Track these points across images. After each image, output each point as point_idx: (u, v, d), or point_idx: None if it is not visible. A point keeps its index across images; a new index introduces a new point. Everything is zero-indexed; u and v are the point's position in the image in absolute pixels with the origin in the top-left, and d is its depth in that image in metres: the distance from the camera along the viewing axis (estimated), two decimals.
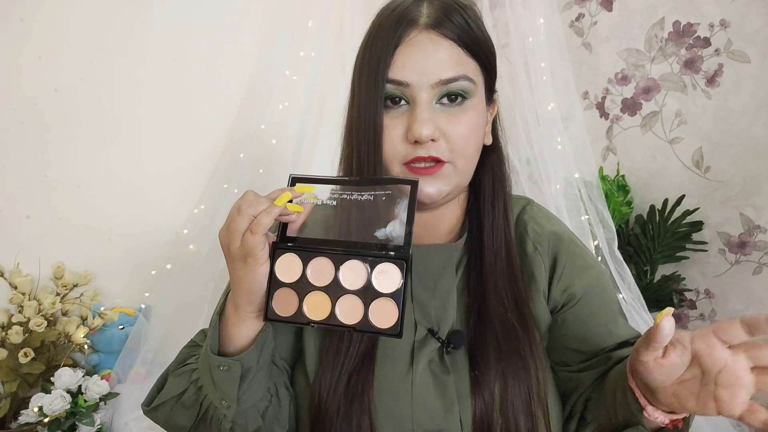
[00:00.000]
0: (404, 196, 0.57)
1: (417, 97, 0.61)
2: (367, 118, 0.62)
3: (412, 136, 0.61)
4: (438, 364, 0.66)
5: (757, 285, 1.58)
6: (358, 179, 0.60)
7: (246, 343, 0.61)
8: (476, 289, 0.68)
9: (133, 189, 1.67)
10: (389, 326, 0.56)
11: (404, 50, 0.61)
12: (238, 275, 0.58)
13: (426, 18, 0.62)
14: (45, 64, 1.52)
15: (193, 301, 1.57)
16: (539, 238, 0.71)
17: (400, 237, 0.57)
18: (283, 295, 0.59)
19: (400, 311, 0.56)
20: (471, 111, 0.64)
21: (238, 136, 1.74)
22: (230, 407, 0.61)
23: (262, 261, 0.57)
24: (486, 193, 0.71)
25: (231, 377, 0.60)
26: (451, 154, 0.63)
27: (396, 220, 0.57)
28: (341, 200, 0.59)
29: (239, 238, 0.55)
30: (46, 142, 1.54)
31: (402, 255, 0.56)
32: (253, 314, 0.60)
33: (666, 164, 1.77)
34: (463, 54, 0.63)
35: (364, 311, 0.57)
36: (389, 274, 0.57)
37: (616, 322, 0.71)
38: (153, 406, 0.67)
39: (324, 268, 0.58)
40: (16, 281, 1.44)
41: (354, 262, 0.58)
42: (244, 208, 0.55)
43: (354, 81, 0.67)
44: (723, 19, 1.58)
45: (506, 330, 0.65)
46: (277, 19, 1.74)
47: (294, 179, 0.59)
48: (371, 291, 0.57)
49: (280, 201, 0.55)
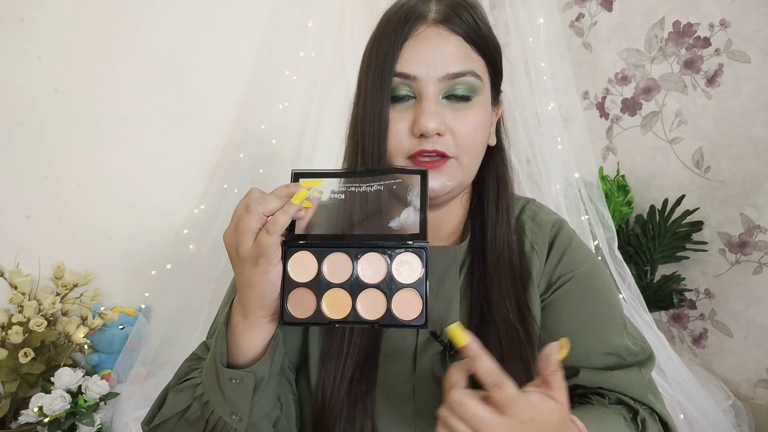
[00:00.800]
0: (414, 185, 0.56)
1: (424, 90, 0.61)
2: (372, 112, 0.62)
3: (418, 130, 0.60)
4: (440, 368, 0.65)
5: (757, 285, 1.59)
6: (365, 170, 0.58)
7: (257, 352, 0.58)
8: (479, 291, 0.68)
9: (133, 189, 1.67)
10: (414, 318, 0.54)
11: (412, 44, 0.61)
12: (248, 278, 0.54)
13: (435, 14, 0.62)
14: (45, 64, 1.52)
15: (193, 301, 1.57)
16: (536, 238, 0.71)
17: (416, 224, 0.55)
18: (299, 295, 0.55)
19: (424, 301, 0.54)
20: (477, 108, 0.63)
21: (238, 136, 1.74)
22: (241, 420, 0.58)
23: (275, 262, 0.54)
24: (490, 195, 0.71)
25: (243, 389, 0.57)
26: (456, 150, 0.62)
27: (409, 208, 0.55)
28: (349, 193, 0.57)
29: (251, 238, 0.52)
30: (46, 142, 1.54)
31: (421, 243, 0.55)
32: (265, 319, 0.57)
33: (666, 164, 1.77)
34: (470, 50, 0.63)
35: (387, 305, 0.54)
36: (410, 263, 0.55)
37: (608, 327, 0.68)
38: (154, 425, 0.64)
39: (341, 263, 0.56)
40: (16, 281, 1.44)
41: (372, 255, 0.55)
42: (254, 206, 0.52)
43: (360, 77, 0.66)
44: (723, 19, 1.58)
45: (509, 332, 0.65)
46: (277, 19, 1.74)
47: (296, 174, 0.57)
48: (393, 283, 0.55)
49: (297, 199, 0.52)
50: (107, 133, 1.62)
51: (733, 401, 1.57)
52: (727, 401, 1.55)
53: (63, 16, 1.52)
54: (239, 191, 1.65)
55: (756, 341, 1.61)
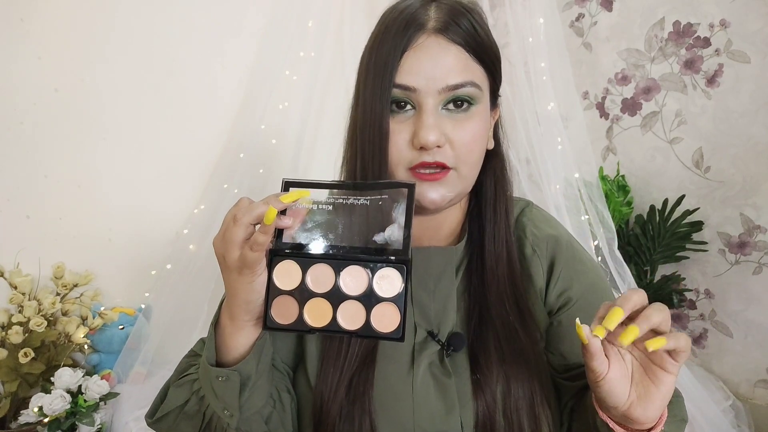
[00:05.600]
0: (401, 199, 0.57)
1: (423, 102, 0.61)
2: (372, 121, 0.62)
3: (418, 142, 0.60)
4: (438, 367, 0.66)
5: (757, 285, 1.59)
6: (354, 183, 0.59)
7: (243, 351, 0.60)
8: (477, 292, 0.68)
9: (133, 189, 1.67)
10: (391, 330, 0.56)
11: (412, 55, 0.61)
12: (234, 285, 0.57)
13: (434, 22, 0.62)
14: (45, 64, 1.52)
15: (193, 301, 1.57)
16: (537, 241, 0.71)
17: (399, 241, 0.56)
18: (283, 302, 0.58)
19: (402, 315, 0.56)
20: (476, 117, 0.64)
21: (238, 136, 1.74)
22: (233, 416, 0.60)
23: (259, 272, 0.56)
24: (488, 197, 0.71)
25: (231, 387, 0.59)
26: (455, 161, 0.63)
27: (394, 224, 0.57)
28: (337, 205, 0.58)
29: (236, 248, 0.54)
30: (46, 142, 1.54)
31: (402, 259, 0.57)
32: (250, 323, 0.59)
33: (666, 164, 1.78)
34: (470, 59, 0.63)
35: (366, 316, 0.57)
36: (390, 278, 0.57)
37: None
38: (156, 418, 0.66)
39: (324, 274, 0.58)
40: (16, 281, 1.43)
41: (354, 268, 0.57)
42: (240, 216, 0.54)
43: (359, 82, 0.67)
44: (723, 19, 1.58)
45: (508, 332, 0.65)
46: (277, 19, 1.74)
47: (287, 183, 0.58)
48: (373, 296, 0.57)
49: (268, 219, 0.53)
50: (107, 133, 1.62)
51: (733, 401, 1.57)
52: (727, 401, 1.56)
53: (63, 16, 1.52)
54: (239, 191, 1.65)
55: (755, 341, 1.61)
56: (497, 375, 0.63)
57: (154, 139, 1.69)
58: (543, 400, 0.64)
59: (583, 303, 0.69)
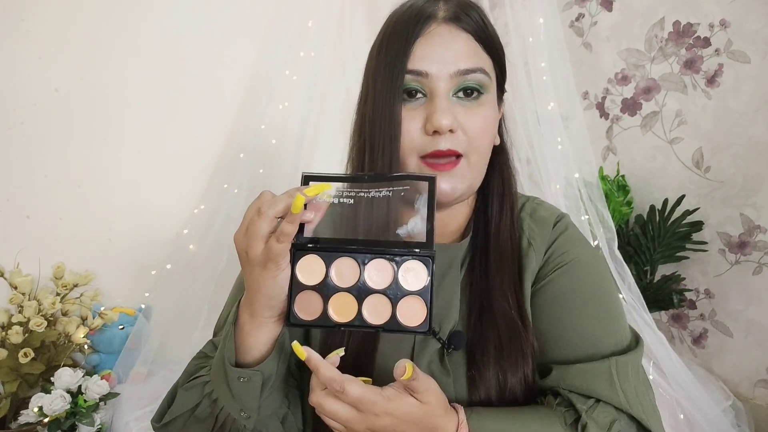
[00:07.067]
0: (422, 192, 0.56)
1: (435, 87, 0.62)
2: (383, 110, 0.62)
3: (431, 127, 0.61)
4: (438, 365, 0.66)
5: (757, 285, 1.59)
6: (374, 176, 0.58)
7: (264, 350, 0.59)
8: (480, 287, 0.68)
9: (133, 189, 1.67)
10: (418, 324, 0.56)
11: (423, 42, 0.62)
12: (257, 280, 0.55)
13: (444, 12, 0.64)
14: (45, 64, 1.52)
15: (193, 301, 1.57)
16: (534, 234, 0.71)
17: (422, 233, 0.56)
18: (306, 297, 0.57)
19: (428, 308, 0.56)
20: (486, 106, 0.64)
21: (238, 136, 1.74)
22: (250, 418, 0.59)
23: (284, 266, 0.55)
24: (495, 194, 0.71)
25: (251, 388, 0.58)
26: (467, 147, 0.63)
27: (417, 216, 0.56)
28: (358, 198, 0.57)
29: (261, 242, 0.53)
30: (46, 142, 1.54)
31: (427, 252, 0.56)
32: (271, 319, 0.58)
33: (666, 164, 1.78)
34: (479, 48, 0.64)
35: (392, 310, 0.56)
36: (416, 271, 0.56)
37: (605, 323, 0.66)
38: (164, 422, 0.65)
39: (348, 268, 0.57)
40: (16, 281, 1.43)
41: (379, 261, 0.57)
42: (265, 209, 0.52)
43: (368, 77, 0.67)
44: (723, 19, 1.58)
45: (509, 327, 0.65)
46: (277, 19, 1.74)
47: (307, 177, 0.57)
48: (399, 289, 0.56)
49: (296, 208, 0.51)
50: (107, 133, 1.62)
51: (733, 401, 1.57)
52: (727, 401, 1.56)
53: (63, 15, 1.52)
54: (239, 191, 1.65)
55: (756, 341, 1.61)
56: (493, 371, 0.63)
57: (154, 139, 1.69)
58: (534, 373, 0.65)
59: (560, 277, 0.68)
